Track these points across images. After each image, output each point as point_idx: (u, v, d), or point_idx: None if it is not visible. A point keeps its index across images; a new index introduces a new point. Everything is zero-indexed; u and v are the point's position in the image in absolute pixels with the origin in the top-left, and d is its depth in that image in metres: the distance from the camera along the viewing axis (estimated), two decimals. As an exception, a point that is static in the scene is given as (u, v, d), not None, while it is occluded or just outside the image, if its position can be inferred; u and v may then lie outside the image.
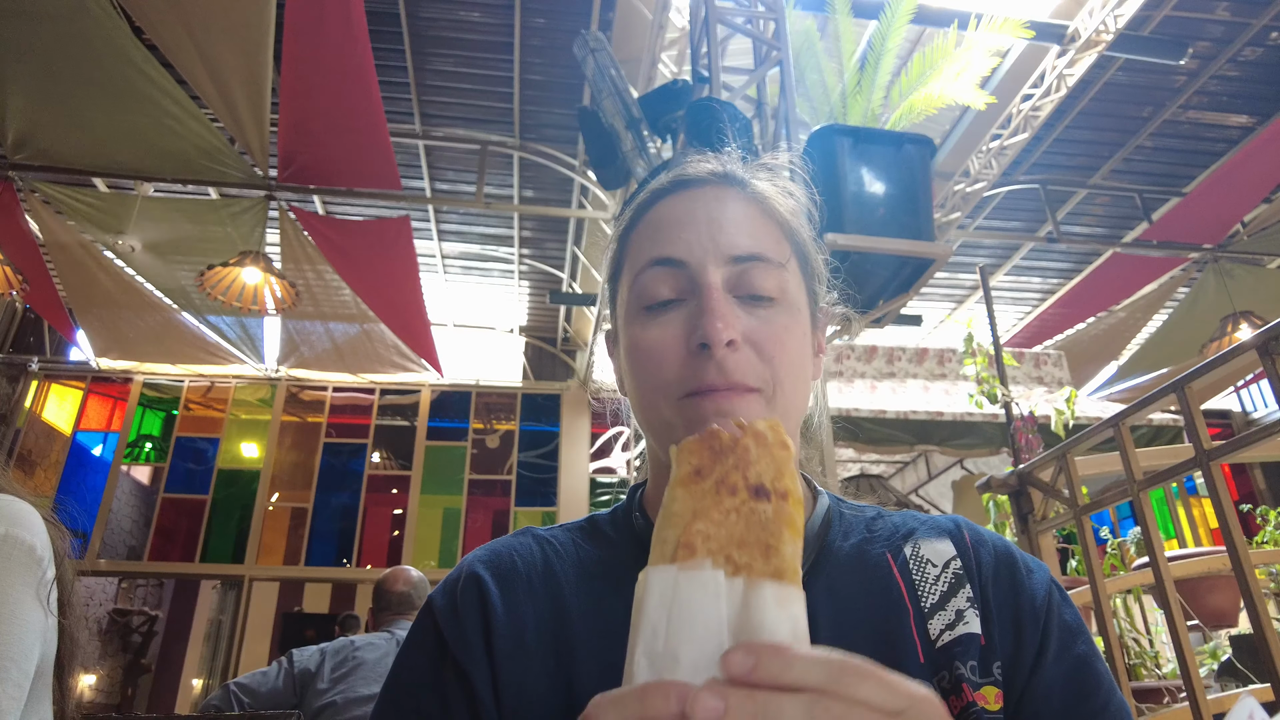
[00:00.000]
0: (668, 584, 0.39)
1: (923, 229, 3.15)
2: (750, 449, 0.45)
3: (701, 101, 3.06)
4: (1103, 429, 1.77)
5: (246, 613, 7.46)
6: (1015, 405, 2.96)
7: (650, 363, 0.64)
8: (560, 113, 6.02)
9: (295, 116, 5.02)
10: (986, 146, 5.61)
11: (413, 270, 6.09)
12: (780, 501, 0.43)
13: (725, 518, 0.42)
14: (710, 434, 0.46)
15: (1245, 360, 1.40)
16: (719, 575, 0.40)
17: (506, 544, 0.70)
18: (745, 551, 0.41)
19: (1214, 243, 6.96)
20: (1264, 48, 5.62)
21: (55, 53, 4.55)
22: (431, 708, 0.61)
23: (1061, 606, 0.65)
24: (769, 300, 0.65)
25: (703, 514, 0.42)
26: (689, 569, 0.39)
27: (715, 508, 0.43)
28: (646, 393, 0.65)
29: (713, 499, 0.43)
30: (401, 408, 8.57)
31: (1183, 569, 2.00)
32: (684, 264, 0.65)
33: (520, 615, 0.63)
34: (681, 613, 0.38)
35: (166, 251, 6.08)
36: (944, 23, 4.28)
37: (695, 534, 0.41)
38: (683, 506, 0.43)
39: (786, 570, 0.41)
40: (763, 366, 0.63)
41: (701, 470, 0.45)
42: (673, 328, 0.64)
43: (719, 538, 0.42)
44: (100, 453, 8.22)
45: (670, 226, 0.68)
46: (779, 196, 0.71)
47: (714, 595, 0.39)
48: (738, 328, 0.62)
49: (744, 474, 0.44)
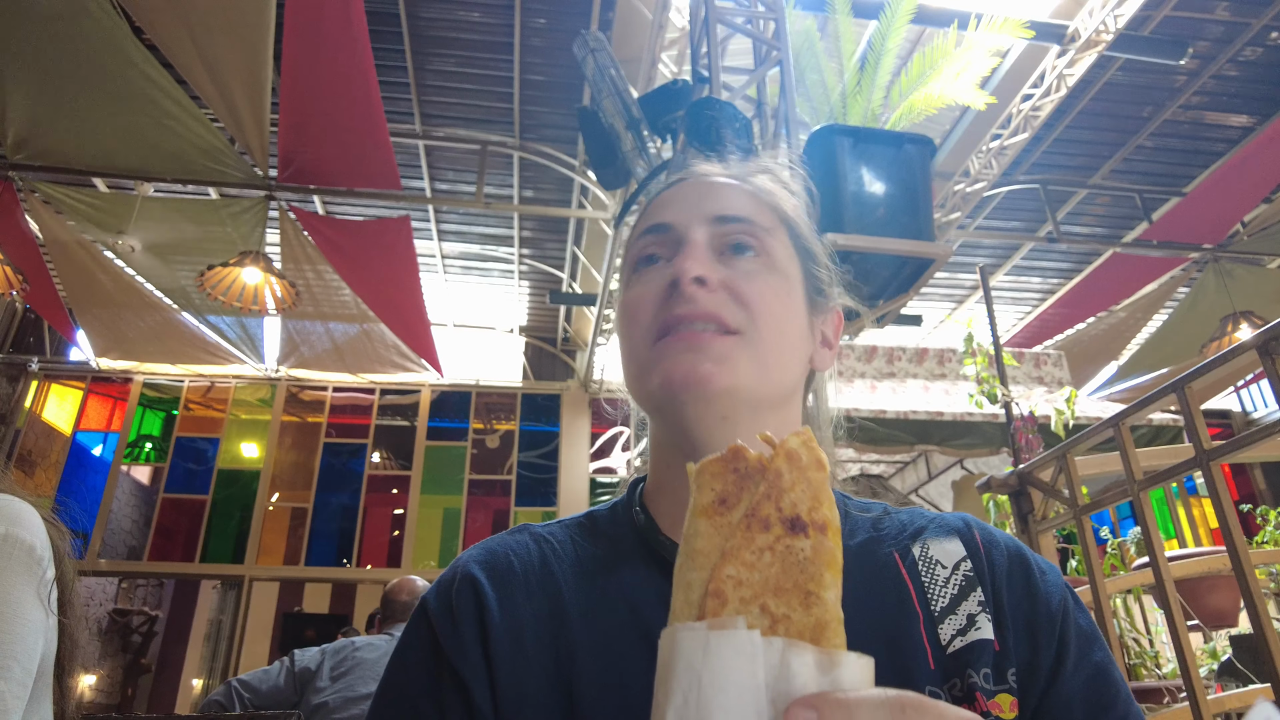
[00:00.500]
0: (697, 646, 0.35)
1: (923, 229, 3.15)
2: (783, 473, 0.40)
3: (701, 101, 3.05)
4: (1103, 429, 1.77)
5: (246, 613, 7.46)
6: (1015, 405, 2.96)
7: (632, 315, 0.66)
8: (560, 113, 6.02)
9: (295, 116, 5.02)
10: (986, 146, 5.61)
11: (413, 270, 6.09)
12: (819, 536, 0.39)
13: (758, 559, 0.38)
14: (735, 453, 0.41)
15: (1245, 360, 1.40)
16: (755, 636, 0.36)
17: (502, 542, 0.68)
18: (783, 600, 0.37)
19: (1214, 243, 6.96)
20: (1264, 47, 5.62)
21: (55, 53, 4.55)
22: (426, 711, 0.60)
23: (1076, 612, 0.63)
24: (749, 253, 0.66)
25: (732, 555, 0.38)
26: (720, 629, 0.36)
27: (746, 546, 0.38)
28: (629, 349, 0.66)
29: (743, 536, 0.39)
30: (401, 408, 8.57)
31: (1183, 569, 2.00)
32: (670, 226, 0.67)
33: (517, 617, 0.62)
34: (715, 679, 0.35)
35: (166, 251, 6.08)
36: (944, 23, 4.28)
37: (725, 580, 0.38)
38: (708, 544, 0.39)
39: (830, 621, 0.38)
40: (737, 309, 0.62)
41: (727, 499, 0.40)
42: (653, 280, 0.66)
43: (752, 584, 0.38)
44: (100, 453, 8.23)
45: (663, 205, 0.70)
46: (776, 189, 0.73)
47: (749, 659, 0.35)
48: (712, 272, 0.63)
49: (777, 503, 0.39)
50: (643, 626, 0.60)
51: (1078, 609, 0.64)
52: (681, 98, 3.26)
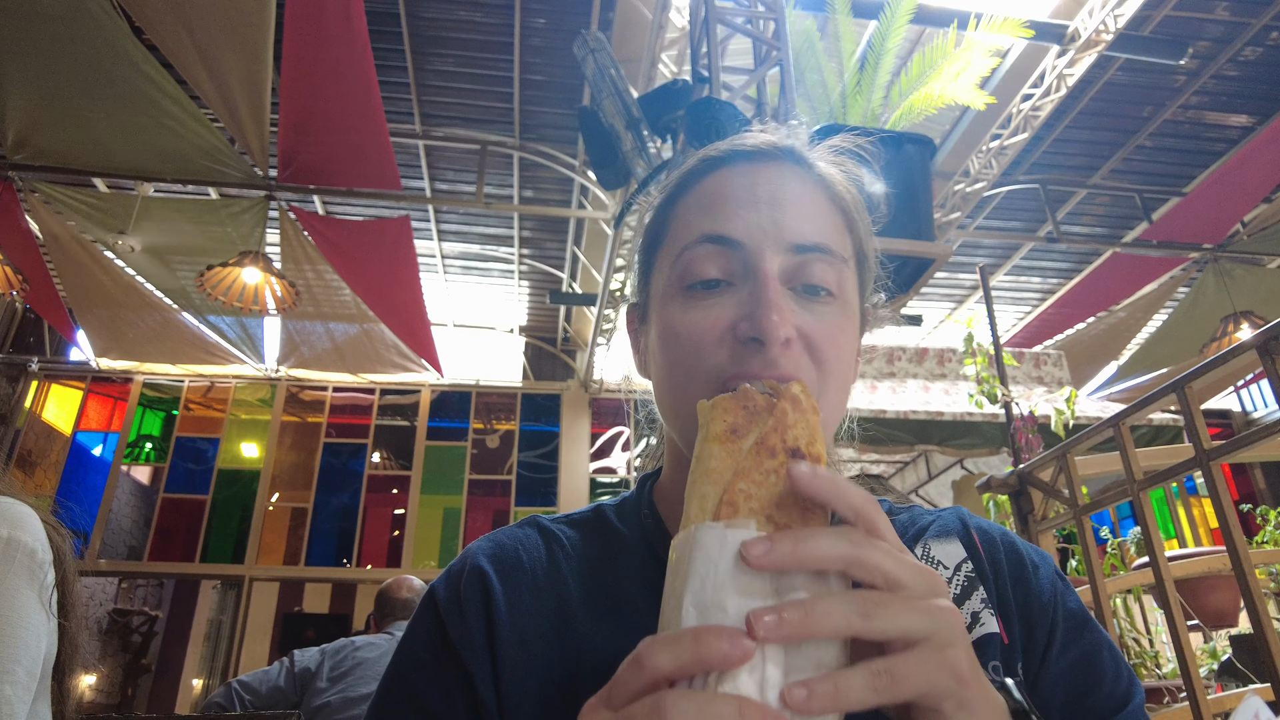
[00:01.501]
0: (715, 540, 0.40)
1: (923, 229, 3.15)
2: (788, 411, 0.46)
3: (701, 101, 3.05)
4: (1103, 429, 1.77)
5: (246, 613, 7.46)
6: (1015, 405, 2.96)
7: (688, 348, 0.59)
8: (560, 113, 6.02)
9: (295, 116, 5.02)
10: (986, 146, 5.61)
11: (413, 270, 6.09)
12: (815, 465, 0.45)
13: (765, 478, 0.44)
14: (745, 393, 0.48)
15: (1245, 360, 1.40)
16: (764, 534, 0.41)
17: (511, 535, 0.68)
18: (785, 513, 0.43)
19: (1214, 242, 6.96)
20: (1264, 47, 5.62)
21: (55, 52, 4.55)
22: (432, 700, 0.60)
23: (1065, 597, 0.64)
24: (827, 295, 0.60)
25: (744, 474, 0.44)
26: (736, 527, 0.41)
27: (756, 468, 0.44)
28: (678, 378, 0.60)
29: (753, 459, 0.44)
30: (401, 408, 8.57)
31: (1183, 569, 2.00)
32: (740, 245, 0.59)
33: (524, 613, 0.62)
34: (730, 566, 0.40)
35: (166, 251, 6.08)
36: (944, 23, 4.28)
37: (738, 493, 0.43)
38: (721, 464, 0.45)
39: None
40: (812, 368, 0.58)
41: (737, 429, 0.46)
42: (718, 312, 0.59)
43: (760, 498, 0.43)
44: (100, 453, 8.22)
45: (726, 202, 0.62)
46: (844, 183, 0.67)
47: None
48: (793, 324, 0.57)
49: (782, 436, 0.45)
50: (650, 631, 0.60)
51: (1067, 592, 0.65)
52: (681, 98, 3.26)
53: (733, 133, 0.80)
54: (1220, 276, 7.02)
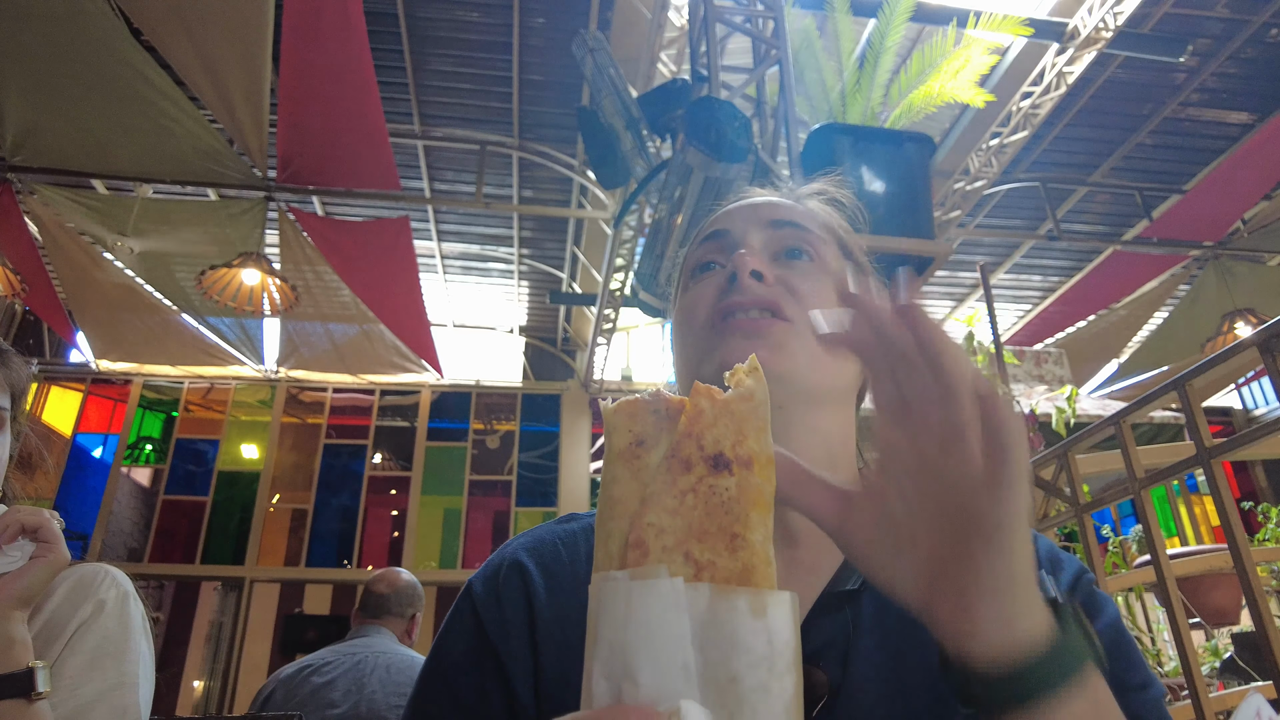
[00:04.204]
0: (619, 597, 0.34)
1: (923, 227, 3.15)
2: (704, 409, 0.37)
3: (701, 100, 3.05)
4: (1104, 427, 1.77)
5: (247, 614, 7.46)
6: (1016, 403, 2.95)
7: (689, 312, 0.67)
8: (559, 112, 6.01)
9: (294, 117, 5.02)
10: (986, 144, 5.60)
11: (412, 271, 6.09)
12: (744, 472, 0.36)
13: (680, 503, 0.36)
14: (655, 395, 0.39)
15: (1246, 357, 1.40)
16: (677, 584, 0.34)
17: (551, 531, 0.68)
18: (707, 545, 0.35)
19: (1214, 240, 6.95)
20: (1263, 45, 5.61)
21: (54, 54, 4.55)
22: (467, 694, 0.59)
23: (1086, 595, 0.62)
24: (805, 258, 0.67)
25: (654, 501, 0.36)
26: (642, 579, 0.34)
27: (667, 491, 0.36)
28: (686, 340, 0.67)
29: (664, 480, 0.36)
30: (401, 408, 8.57)
31: (1184, 567, 2.00)
32: (727, 232, 0.70)
33: (565, 606, 0.61)
34: (639, 629, 0.33)
35: (166, 253, 6.07)
36: (943, 21, 4.27)
37: (646, 529, 0.35)
38: (625, 490, 0.37)
39: (758, 564, 0.35)
40: (792, 300, 0.63)
41: (644, 439, 0.37)
42: (712, 282, 0.67)
43: (675, 530, 0.35)
44: (100, 455, 8.22)
45: (719, 218, 0.73)
46: (827, 212, 0.75)
47: (674, 607, 0.34)
48: (768, 270, 0.64)
49: (699, 441, 0.37)
50: None
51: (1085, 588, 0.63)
52: (681, 97, 3.25)
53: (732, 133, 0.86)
54: (1221, 274, 7.02)
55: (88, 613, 1.03)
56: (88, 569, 1.11)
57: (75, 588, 1.06)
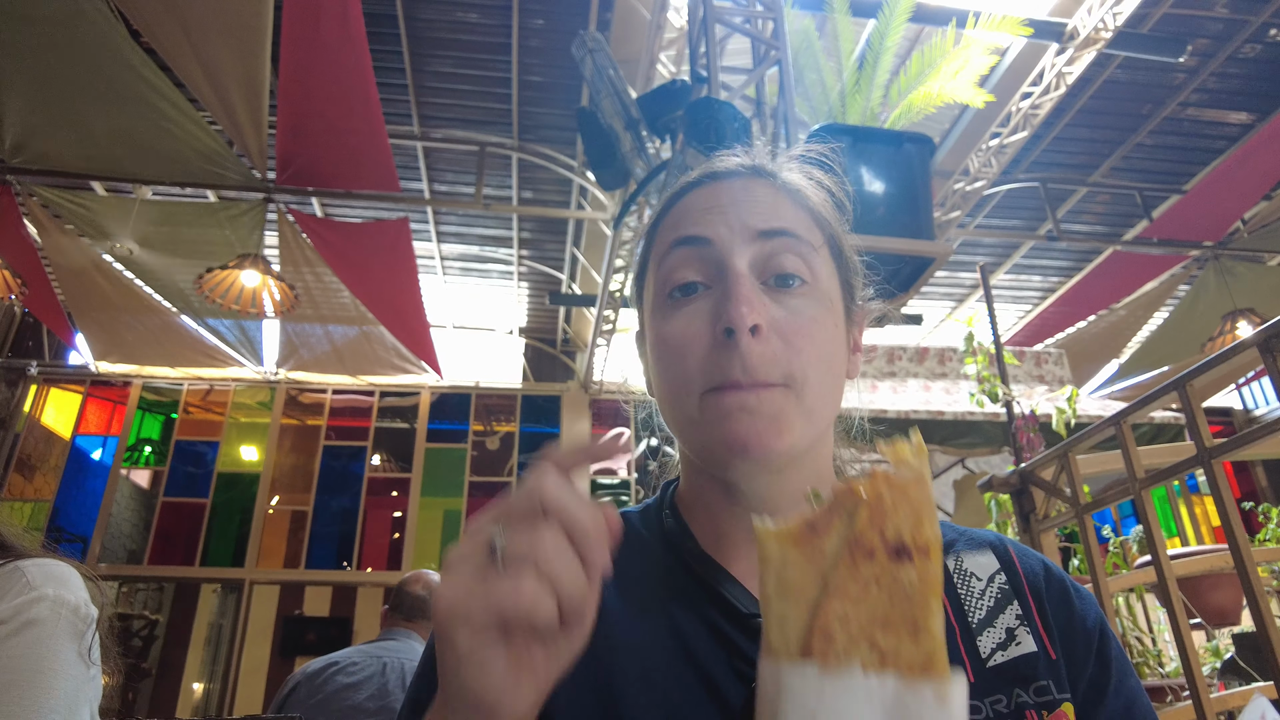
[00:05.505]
0: (809, 690, 0.34)
1: (922, 228, 3.14)
2: (883, 495, 0.38)
3: (700, 101, 3.05)
4: (1104, 427, 1.77)
5: (247, 616, 7.46)
6: (1016, 404, 2.95)
7: (674, 355, 0.62)
8: (559, 113, 6.01)
9: (293, 119, 5.02)
10: (986, 145, 5.60)
11: (412, 272, 6.08)
12: (924, 561, 0.36)
13: (864, 592, 0.35)
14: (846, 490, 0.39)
15: (1246, 358, 1.39)
16: (870, 681, 0.34)
17: None
18: (891, 634, 0.35)
19: (1214, 240, 6.95)
20: (1263, 44, 5.61)
21: (52, 56, 4.55)
22: None
23: (1111, 638, 0.64)
24: (799, 283, 0.62)
25: (839, 590, 0.35)
26: (834, 674, 0.34)
27: (852, 579, 0.36)
28: (672, 388, 0.62)
29: (847, 569, 0.36)
30: (401, 410, 8.56)
31: (1185, 567, 2.00)
32: (709, 242, 0.63)
33: None
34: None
35: (165, 255, 6.07)
36: (942, 21, 4.27)
37: (832, 618, 0.35)
38: (800, 575, 0.37)
39: (937, 651, 0.35)
40: (789, 357, 0.59)
41: (816, 524, 0.38)
42: (698, 319, 0.61)
43: (859, 619, 0.35)
44: (100, 456, 8.21)
45: (693, 211, 0.66)
46: (811, 187, 0.69)
47: (865, 703, 0.34)
48: (764, 315, 0.59)
49: (880, 529, 0.37)
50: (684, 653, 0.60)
51: (1111, 636, 0.64)
52: (680, 97, 3.25)
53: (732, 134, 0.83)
54: (1221, 274, 7.01)
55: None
56: (6, 569, 0.96)
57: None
